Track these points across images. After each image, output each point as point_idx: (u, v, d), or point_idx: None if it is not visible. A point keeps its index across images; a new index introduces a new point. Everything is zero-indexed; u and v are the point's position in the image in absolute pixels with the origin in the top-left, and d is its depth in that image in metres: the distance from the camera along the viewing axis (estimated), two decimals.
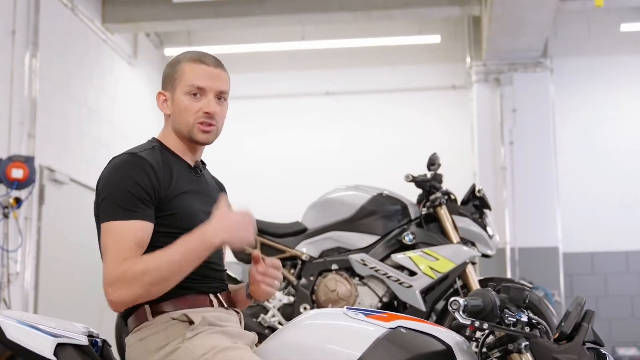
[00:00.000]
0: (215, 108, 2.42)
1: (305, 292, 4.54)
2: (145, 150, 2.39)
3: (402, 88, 9.63)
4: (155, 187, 2.30)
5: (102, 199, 2.30)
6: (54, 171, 7.09)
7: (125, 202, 2.25)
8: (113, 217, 2.26)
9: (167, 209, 2.32)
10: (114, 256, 2.22)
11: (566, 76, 9.05)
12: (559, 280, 8.53)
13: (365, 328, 2.31)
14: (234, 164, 9.24)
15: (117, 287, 2.19)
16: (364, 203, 4.66)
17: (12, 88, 6.59)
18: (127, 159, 2.34)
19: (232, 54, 9.54)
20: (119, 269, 2.19)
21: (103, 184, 2.32)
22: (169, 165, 2.39)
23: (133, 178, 2.28)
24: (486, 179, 8.74)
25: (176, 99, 2.44)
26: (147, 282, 2.19)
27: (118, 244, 2.22)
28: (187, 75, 2.42)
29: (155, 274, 2.19)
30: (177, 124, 2.45)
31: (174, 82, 2.45)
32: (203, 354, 2.20)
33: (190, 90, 2.41)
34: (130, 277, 2.18)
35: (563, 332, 2.33)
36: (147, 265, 2.19)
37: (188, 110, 2.41)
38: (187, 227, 2.31)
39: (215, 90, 2.44)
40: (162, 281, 2.21)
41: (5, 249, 6.31)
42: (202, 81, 2.42)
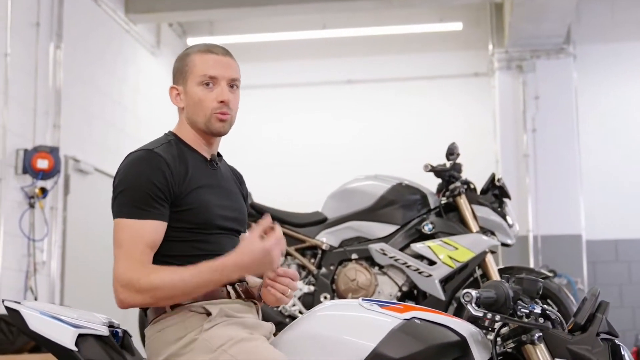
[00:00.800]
0: (229, 96, 2.44)
1: (326, 281, 4.57)
2: (162, 146, 2.41)
3: (423, 76, 9.61)
4: (170, 183, 2.33)
5: (117, 195, 2.35)
6: (78, 161, 7.17)
7: (139, 201, 2.30)
8: (126, 214, 2.31)
9: (183, 204, 2.35)
10: (127, 256, 2.27)
11: (589, 63, 8.98)
12: (582, 268, 8.49)
13: (380, 319, 2.35)
14: (255, 153, 9.29)
15: (127, 290, 2.25)
16: (383, 193, 4.69)
17: (36, 79, 6.66)
18: (142, 155, 2.37)
19: (254, 43, 9.57)
20: (134, 275, 2.24)
21: (119, 180, 2.36)
22: (185, 160, 2.41)
23: (148, 176, 2.31)
24: (508, 167, 8.71)
25: (189, 91, 2.46)
26: (157, 296, 2.25)
27: (131, 244, 2.28)
28: (198, 66, 2.44)
29: (167, 292, 2.24)
30: (192, 116, 2.46)
31: (185, 75, 2.47)
32: (220, 345, 2.24)
33: (203, 80, 2.43)
34: (143, 287, 2.23)
35: (577, 323, 2.35)
36: (161, 281, 2.23)
37: (203, 101, 2.43)
38: (203, 221, 2.35)
39: (228, 78, 2.45)
40: (172, 298, 2.28)
41: (31, 238, 6.39)
42: (214, 70, 2.43)
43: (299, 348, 2.32)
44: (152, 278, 2.23)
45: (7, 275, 6.11)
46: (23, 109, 6.46)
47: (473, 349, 2.33)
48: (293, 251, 4.67)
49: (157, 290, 2.23)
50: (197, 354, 2.25)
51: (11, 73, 6.23)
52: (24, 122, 6.48)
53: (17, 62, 6.34)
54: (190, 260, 2.34)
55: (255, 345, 2.25)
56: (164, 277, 2.24)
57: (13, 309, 2.30)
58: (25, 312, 2.29)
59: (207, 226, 2.39)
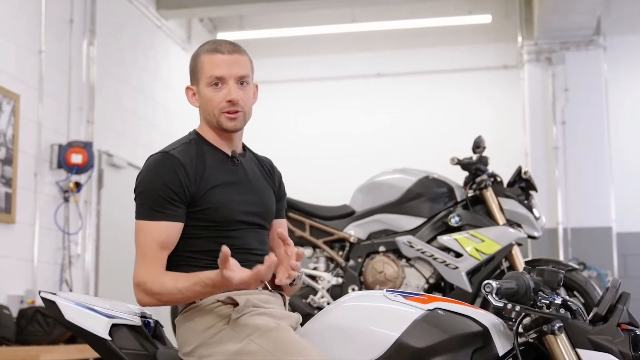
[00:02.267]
0: (237, 94, 2.48)
1: (354, 273, 4.63)
2: (181, 146, 2.49)
3: (452, 69, 9.61)
4: (185, 185, 2.41)
5: (136, 197, 2.46)
6: (111, 156, 7.28)
7: (153, 203, 2.40)
8: (141, 216, 2.42)
9: (201, 203, 2.43)
10: (141, 257, 2.40)
11: (620, 54, 8.91)
12: (613, 261, 8.45)
13: (403, 310, 2.39)
14: (285, 146, 9.34)
15: (138, 291, 2.39)
16: (410, 186, 4.72)
17: (70, 75, 6.78)
18: (159, 158, 2.46)
19: (284, 37, 9.63)
20: (143, 277, 2.38)
21: (137, 183, 2.47)
22: (203, 159, 2.48)
23: (162, 179, 2.40)
24: (538, 159, 8.69)
25: (201, 91, 2.53)
26: (161, 300, 2.38)
27: (144, 245, 2.40)
28: (206, 67, 2.50)
29: (167, 297, 2.37)
30: (206, 116, 2.54)
31: (197, 76, 2.54)
32: (248, 334, 2.31)
33: (211, 81, 2.49)
34: (149, 290, 2.37)
35: (598, 314, 2.38)
36: (161, 288, 2.35)
37: (212, 101, 2.49)
38: (223, 218, 2.43)
39: (235, 76, 2.50)
40: (172, 302, 2.42)
41: (66, 232, 6.52)
42: (220, 70, 2.48)
43: (325, 338, 2.37)
44: (154, 284, 2.36)
45: (42, 268, 6.24)
46: (57, 104, 6.59)
47: (495, 339, 2.37)
48: (321, 244, 4.73)
49: (159, 295, 2.36)
50: (225, 343, 2.32)
51: (45, 69, 6.35)
52: (59, 117, 6.60)
53: (51, 58, 6.46)
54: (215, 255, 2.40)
55: (281, 335, 2.31)
56: (164, 283, 2.35)
57: (49, 299, 2.40)
58: (61, 303, 2.39)
59: (228, 222, 2.46)
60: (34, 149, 6.23)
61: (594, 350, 2.31)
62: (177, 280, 2.35)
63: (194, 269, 2.39)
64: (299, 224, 4.75)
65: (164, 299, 2.36)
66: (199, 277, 2.31)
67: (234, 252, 2.43)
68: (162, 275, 2.37)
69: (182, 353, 2.41)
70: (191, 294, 2.34)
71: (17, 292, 5.84)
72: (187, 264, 2.43)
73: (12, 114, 5.91)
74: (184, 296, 2.35)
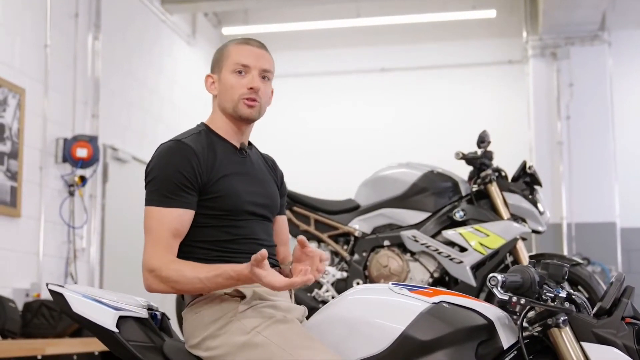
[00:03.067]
0: (259, 84, 2.53)
1: (358, 267, 4.63)
2: (191, 136, 2.51)
3: (457, 64, 9.61)
4: (198, 172, 2.42)
5: (147, 184, 2.46)
6: (116, 150, 7.30)
7: (166, 190, 2.40)
8: (154, 202, 2.42)
9: (211, 191, 2.45)
10: (153, 243, 2.39)
11: (624, 49, 8.91)
12: (617, 256, 8.47)
13: (409, 302, 2.40)
14: (288, 141, 9.36)
15: (150, 277, 2.37)
16: (415, 180, 4.72)
17: (75, 69, 6.80)
18: (171, 145, 2.47)
19: (288, 32, 9.64)
20: (157, 263, 2.36)
21: (149, 170, 2.47)
22: (213, 149, 2.50)
23: (176, 165, 2.41)
24: (542, 154, 8.70)
25: (222, 78, 2.56)
26: (174, 287, 2.37)
27: (156, 231, 2.39)
28: (233, 55, 2.56)
29: (184, 286, 2.36)
30: (223, 102, 2.56)
31: (220, 64, 2.58)
32: (254, 326, 2.32)
33: (236, 68, 2.54)
34: (163, 277, 2.35)
35: (602, 307, 2.39)
36: (180, 276, 2.34)
37: (233, 87, 2.53)
38: (232, 208, 2.44)
39: (259, 68, 2.55)
40: (188, 291, 2.40)
41: (71, 225, 6.54)
42: (247, 59, 2.54)
43: (330, 331, 2.39)
44: (171, 272, 2.35)
45: (48, 261, 6.26)
46: (63, 98, 6.60)
47: (500, 332, 2.38)
48: (326, 238, 4.73)
49: (176, 283, 2.35)
50: (232, 335, 2.33)
51: (51, 64, 6.36)
52: (64, 111, 6.62)
53: (56, 53, 6.47)
54: (223, 245, 2.45)
55: (288, 327, 2.33)
56: (184, 272, 2.34)
57: (57, 292, 2.41)
58: (69, 295, 2.40)
59: (237, 212, 2.47)
60: (39, 142, 6.25)
61: (598, 343, 2.32)
62: (198, 270, 2.34)
63: (202, 257, 2.41)
64: (304, 218, 4.76)
65: (179, 287, 2.36)
66: (223, 269, 2.31)
67: (241, 241, 2.47)
68: (179, 263, 2.37)
69: (189, 345, 2.42)
70: (212, 284, 2.34)
71: (23, 286, 5.87)
72: (195, 253, 2.44)
73: (17, 107, 5.93)
74: (204, 286, 2.34)
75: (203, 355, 2.39)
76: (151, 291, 2.41)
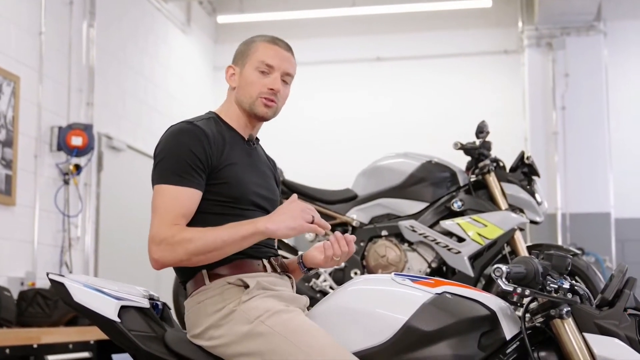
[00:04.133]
0: (279, 86, 2.55)
1: (356, 257, 4.63)
2: (202, 120, 2.51)
3: (453, 53, 9.59)
4: (208, 154, 2.42)
5: (157, 163, 2.43)
6: (111, 138, 7.27)
7: (178, 168, 2.38)
8: (165, 180, 2.38)
9: (219, 177, 2.44)
10: (161, 218, 2.34)
11: (620, 40, 8.91)
12: (611, 246, 8.49)
13: (412, 293, 2.40)
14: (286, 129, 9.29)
15: (161, 248, 2.31)
16: (413, 170, 4.72)
17: (70, 57, 6.76)
18: (183, 126, 2.46)
19: (283, 20, 9.59)
20: (167, 232, 2.31)
21: (159, 150, 2.45)
22: (223, 136, 2.50)
23: (188, 146, 2.40)
24: (537, 144, 8.71)
25: (245, 73, 2.56)
26: (190, 250, 2.29)
27: (166, 208, 2.35)
28: (259, 53, 2.56)
29: (199, 245, 2.29)
30: (240, 96, 2.56)
31: (245, 58, 2.58)
32: (257, 316, 2.32)
33: (260, 66, 2.54)
34: (176, 242, 2.29)
35: (604, 299, 2.40)
36: (194, 235, 2.30)
37: (254, 84, 2.54)
38: (238, 196, 2.43)
39: (283, 71, 2.56)
40: (205, 253, 2.31)
41: (66, 214, 6.52)
42: (273, 60, 2.55)
43: (333, 321, 2.38)
44: (184, 234, 2.30)
45: (43, 250, 6.25)
46: (57, 86, 6.57)
47: (502, 323, 2.38)
48: None
49: (190, 243, 2.28)
50: (235, 324, 2.32)
51: (45, 51, 6.33)
52: (58, 99, 6.58)
53: (51, 40, 6.44)
54: None
55: (291, 317, 2.33)
56: (195, 231, 2.31)
57: (58, 281, 2.39)
58: (70, 285, 2.38)
59: (242, 201, 2.47)
60: (34, 130, 6.22)
61: (600, 334, 2.33)
62: (210, 228, 2.33)
63: None
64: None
65: (192, 247, 2.28)
66: (237, 222, 2.34)
67: None
68: (190, 227, 2.34)
69: (191, 335, 2.42)
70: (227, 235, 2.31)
71: (18, 274, 5.86)
72: None
73: (12, 95, 5.89)
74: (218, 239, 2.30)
75: (205, 345, 2.38)
76: (160, 265, 2.33)
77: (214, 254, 2.34)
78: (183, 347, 2.41)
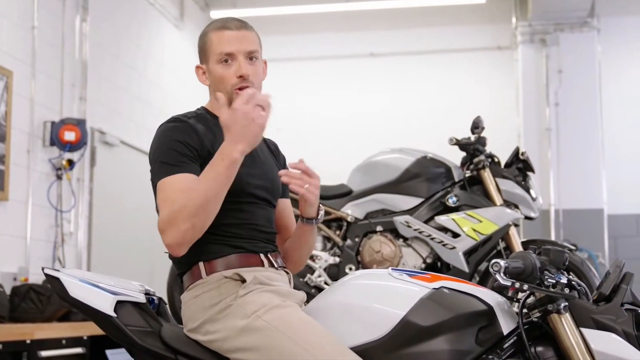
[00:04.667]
0: (247, 69, 2.49)
1: (351, 253, 4.63)
2: (191, 118, 2.50)
3: (446, 49, 9.58)
4: (199, 146, 2.41)
5: (152, 165, 2.43)
6: (104, 133, 7.24)
7: (170, 159, 2.36)
8: (160, 175, 2.37)
9: None
10: (166, 205, 2.31)
11: (613, 36, 8.91)
12: (604, 242, 8.50)
13: (409, 288, 2.40)
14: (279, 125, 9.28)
15: (166, 231, 2.28)
16: (408, 166, 4.72)
17: (63, 52, 6.72)
18: (170, 123, 2.46)
19: (277, 15, 9.56)
20: (165, 217, 2.29)
21: (151, 151, 2.45)
22: (213, 130, 2.48)
23: (177, 138, 2.39)
24: (531, 141, 8.71)
25: (211, 69, 2.53)
26: (187, 215, 2.25)
27: (167, 197, 2.32)
28: (215, 45, 2.51)
29: (192, 204, 2.26)
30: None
31: (206, 54, 2.55)
32: (254, 311, 2.31)
33: (220, 58, 2.50)
34: (173, 217, 2.27)
35: (602, 294, 2.40)
36: (182, 200, 2.27)
37: (223, 78, 2.49)
38: (233, 190, 2.39)
39: (244, 52, 2.50)
40: (201, 210, 2.27)
41: (59, 209, 6.49)
42: (229, 46, 2.49)
43: (330, 316, 2.37)
44: (175, 206, 2.27)
45: (35, 245, 6.22)
46: (50, 81, 6.54)
47: (499, 317, 2.38)
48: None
49: (184, 209, 2.24)
50: (232, 319, 2.31)
51: (38, 46, 6.29)
52: (51, 94, 6.55)
53: (43, 34, 6.40)
54: (225, 229, 2.42)
55: (288, 312, 2.32)
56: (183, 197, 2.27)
57: (53, 276, 2.37)
58: (66, 280, 2.37)
59: (239, 194, 2.44)
60: (26, 125, 6.19)
61: (597, 329, 2.33)
62: (192, 185, 2.30)
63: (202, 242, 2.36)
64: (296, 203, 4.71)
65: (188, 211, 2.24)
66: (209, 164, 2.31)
67: (241, 226, 2.44)
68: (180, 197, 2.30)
69: (188, 329, 2.41)
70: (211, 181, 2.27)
71: (10, 270, 5.83)
72: None
73: (4, 90, 5.86)
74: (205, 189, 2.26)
75: (202, 340, 2.37)
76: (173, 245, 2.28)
77: (212, 206, 2.30)
78: (179, 342, 2.40)
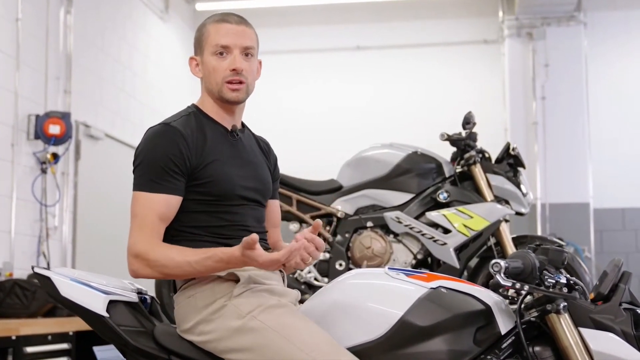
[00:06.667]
0: (241, 64, 2.46)
1: (341, 248, 4.60)
2: (180, 119, 2.46)
3: (433, 42, 9.55)
4: (186, 156, 2.37)
5: (135, 168, 2.40)
6: (89, 127, 7.17)
7: (153, 174, 2.34)
8: (141, 187, 2.36)
9: (201, 176, 2.39)
10: (139, 228, 2.32)
11: (600, 30, 8.93)
12: (590, 236, 8.52)
13: (407, 288, 2.38)
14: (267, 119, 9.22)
15: (137, 262, 2.30)
16: (398, 161, 4.69)
17: (47, 44, 6.64)
18: (159, 129, 2.42)
19: (262, 8, 9.50)
20: (143, 247, 2.29)
21: (137, 155, 2.41)
22: (203, 132, 2.44)
23: (164, 149, 2.35)
24: (517, 135, 8.71)
25: (205, 61, 2.50)
26: (163, 272, 2.31)
27: (142, 216, 2.32)
28: (212, 36, 2.48)
29: (173, 270, 2.30)
30: (208, 85, 2.50)
31: (202, 46, 2.51)
32: (249, 311, 2.28)
33: (216, 50, 2.47)
34: (151, 261, 2.29)
35: (600, 293, 2.39)
36: (169, 260, 2.28)
37: (216, 70, 2.47)
38: (224, 192, 2.38)
39: (240, 46, 2.48)
40: (177, 275, 2.34)
41: (43, 203, 6.42)
42: (226, 39, 2.47)
43: (327, 316, 2.35)
44: (159, 255, 2.29)
45: (19, 240, 6.15)
46: (34, 74, 6.45)
47: (497, 317, 2.37)
48: (308, 219, 4.68)
49: (164, 267, 2.29)
50: (227, 319, 2.28)
51: (22, 38, 6.21)
52: (36, 87, 6.47)
53: (28, 27, 6.31)
54: (214, 230, 2.39)
55: (283, 312, 2.29)
56: (171, 255, 2.29)
57: (44, 275, 2.34)
58: (57, 279, 2.33)
59: (229, 197, 2.42)
60: (10, 119, 6.11)
61: (596, 329, 2.32)
62: (186, 253, 2.29)
63: (192, 243, 2.36)
64: (286, 199, 4.70)
65: (167, 271, 2.30)
66: (213, 252, 2.26)
67: (231, 227, 2.41)
68: (165, 247, 2.32)
69: (181, 330, 2.37)
70: (202, 268, 2.28)
71: None
72: (186, 238, 2.39)
73: None
74: (193, 270, 2.29)
75: (196, 340, 2.34)
76: (137, 277, 2.34)
77: (185, 277, 2.37)
78: (173, 342, 2.37)
